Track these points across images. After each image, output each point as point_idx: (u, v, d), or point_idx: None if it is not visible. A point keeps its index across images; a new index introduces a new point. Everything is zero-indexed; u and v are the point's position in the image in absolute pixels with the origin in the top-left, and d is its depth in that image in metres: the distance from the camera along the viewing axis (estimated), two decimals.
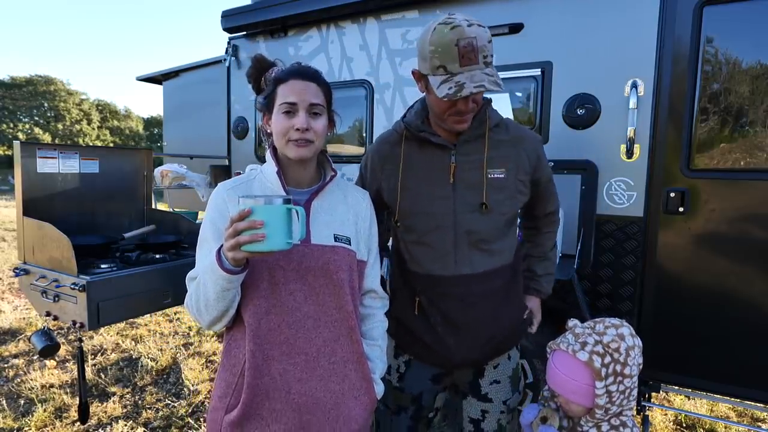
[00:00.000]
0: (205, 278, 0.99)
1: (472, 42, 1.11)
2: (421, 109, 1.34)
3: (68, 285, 1.79)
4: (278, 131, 1.10)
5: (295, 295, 1.08)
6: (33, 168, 2.13)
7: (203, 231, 1.11)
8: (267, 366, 1.06)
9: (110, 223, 2.48)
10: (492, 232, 1.29)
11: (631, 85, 2.03)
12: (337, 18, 2.78)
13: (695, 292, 1.99)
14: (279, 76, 1.13)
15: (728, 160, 1.92)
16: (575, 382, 1.17)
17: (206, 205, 1.16)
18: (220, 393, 1.11)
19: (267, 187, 1.14)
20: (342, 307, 1.13)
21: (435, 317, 1.33)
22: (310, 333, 1.09)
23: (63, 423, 2.63)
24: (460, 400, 1.49)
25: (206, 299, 1.01)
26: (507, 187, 1.28)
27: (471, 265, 1.30)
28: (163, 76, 4.48)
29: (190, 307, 1.07)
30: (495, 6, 2.34)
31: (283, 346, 1.07)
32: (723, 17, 1.88)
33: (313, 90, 1.10)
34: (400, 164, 1.33)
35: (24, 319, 4.36)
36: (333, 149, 2.95)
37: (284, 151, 1.11)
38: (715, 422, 2.66)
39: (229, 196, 1.11)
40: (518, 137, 1.32)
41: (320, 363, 1.10)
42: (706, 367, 2.00)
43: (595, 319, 1.26)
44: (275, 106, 1.11)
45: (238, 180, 1.17)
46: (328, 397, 1.10)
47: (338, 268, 1.12)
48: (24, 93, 44.82)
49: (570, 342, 1.21)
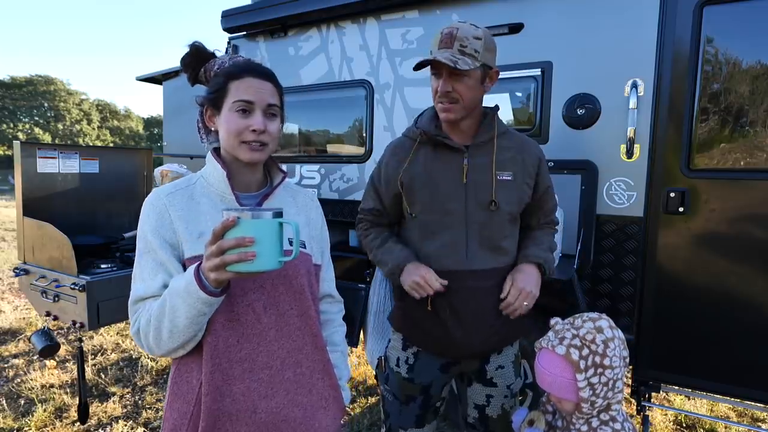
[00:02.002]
0: (176, 302, 0.87)
1: (453, 31, 1.27)
2: (433, 115, 1.44)
3: (68, 285, 1.80)
4: (231, 130, 1.00)
5: (254, 306, 0.98)
6: (33, 168, 2.14)
7: (144, 241, 0.98)
8: (228, 387, 0.96)
9: (110, 223, 2.48)
10: (500, 230, 1.39)
11: (631, 85, 2.03)
12: (337, 18, 2.78)
13: (695, 292, 1.99)
14: (232, 71, 1.02)
15: (728, 160, 1.92)
16: (559, 378, 1.19)
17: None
18: (172, 426, 1.00)
19: (211, 192, 1.03)
20: (304, 313, 1.06)
21: (445, 311, 1.39)
22: (272, 345, 1.00)
23: (63, 423, 2.63)
24: (465, 389, 1.54)
25: (173, 325, 0.88)
26: (514, 188, 1.39)
27: (481, 261, 1.38)
28: (163, 76, 4.48)
29: (143, 334, 0.93)
30: (495, 6, 2.34)
31: (244, 363, 0.97)
32: (723, 17, 1.88)
33: (270, 90, 1.03)
34: (419, 165, 1.41)
35: (24, 319, 4.36)
36: (333, 149, 2.95)
37: (235, 153, 1.01)
38: (715, 422, 2.66)
39: (169, 202, 0.99)
40: (522, 145, 1.43)
41: (285, 376, 1.02)
42: (706, 367, 2.00)
43: (575, 315, 1.28)
44: (226, 102, 1.00)
45: (175, 186, 1.04)
46: (297, 411, 1.03)
47: (297, 273, 1.05)
48: (24, 93, 44.85)
49: (550, 339, 1.23)
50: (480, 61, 1.27)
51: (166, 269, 0.96)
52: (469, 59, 1.25)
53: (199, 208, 1.01)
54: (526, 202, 1.44)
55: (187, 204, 1.00)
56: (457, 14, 2.43)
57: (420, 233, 1.42)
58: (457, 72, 1.26)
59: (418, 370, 1.49)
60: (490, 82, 1.37)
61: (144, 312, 0.94)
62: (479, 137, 1.39)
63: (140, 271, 0.97)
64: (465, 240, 1.37)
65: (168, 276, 0.95)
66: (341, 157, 2.89)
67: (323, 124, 3.03)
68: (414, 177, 1.41)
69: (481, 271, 1.38)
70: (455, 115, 1.34)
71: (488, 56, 1.31)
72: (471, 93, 1.31)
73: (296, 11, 2.80)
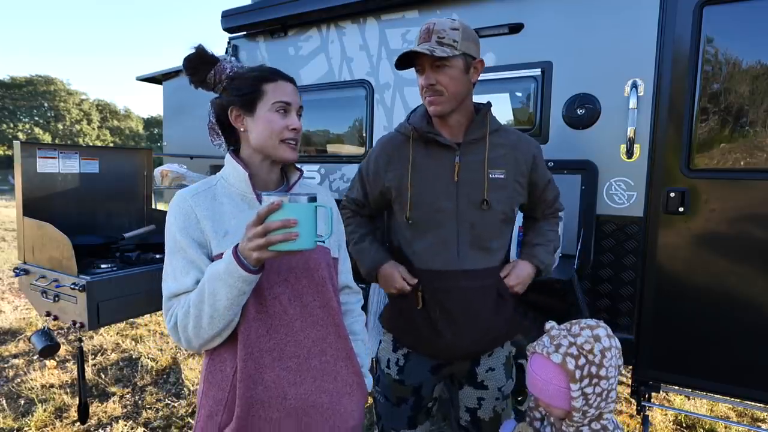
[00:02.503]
0: (215, 285, 0.94)
1: (430, 26, 1.29)
2: (425, 112, 1.42)
3: (68, 285, 1.80)
4: (273, 130, 1.07)
5: (280, 298, 1.05)
6: (33, 168, 2.13)
7: (173, 240, 1.04)
8: (260, 375, 1.03)
9: (110, 223, 2.48)
10: (491, 229, 1.38)
11: (631, 85, 2.03)
12: (337, 18, 2.78)
13: (695, 292, 1.99)
14: (264, 75, 1.10)
15: (728, 160, 1.92)
16: (552, 386, 1.16)
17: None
18: (208, 412, 1.06)
19: (232, 192, 1.10)
20: (326, 304, 1.12)
21: (435, 312, 1.38)
22: (298, 335, 1.07)
23: (63, 423, 2.63)
24: (456, 392, 1.53)
25: (213, 310, 0.95)
26: (506, 186, 1.38)
27: (471, 261, 1.37)
28: (163, 76, 4.48)
29: (181, 327, 0.99)
30: (495, 6, 2.34)
31: (273, 353, 1.04)
32: (723, 17, 1.88)
33: (297, 93, 1.13)
34: (409, 164, 1.40)
35: (24, 319, 4.36)
36: (333, 149, 2.95)
37: (275, 152, 1.09)
38: (715, 422, 2.66)
39: (195, 203, 1.05)
40: (515, 141, 1.41)
41: (312, 364, 1.09)
42: (706, 367, 2.00)
43: (572, 321, 1.24)
44: (263, 104, 1.08)
45: (198, 187, 1.10)
46: (324, 397, 1.09)
47: (318, 266, 1.12)
48: (24, 93, 44.85)
49: (545, 344, 1.19)
50: (459, 50, 1.27)
51: (197, 266, 1.02)
52: (447, 48, 1.26)
53: (222, 208, 1.07)
54: (519, 202, 1.43)
55: (211, 204, 1.07)
56: (457, 14, 2.43)
57: (411, 232, 1.42)
58: (437, 63, 1.28)
59: (409, 371, 1.48)
60: (476, 72, 1.36)
61: (180, 306, 1.00)
62: (471, 134, 1.38)
63: (172, 269, 1.03)
64: (456, 239, 1.36)
65: (199, 273, 1.01)
66: (341, 157, 2.89)
67: (323, 124, 3.03)
68: (404, 175, 1.40)
69: (473, 271, 1.37)
70: (442, 107, 1.33)
71: (469, 46, 1.30)
72: (455, 84, 1.31)
73: (296, 11, 2.80)
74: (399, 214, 1.44)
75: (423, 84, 1.32)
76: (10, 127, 43.86)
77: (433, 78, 1.30)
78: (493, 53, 2.36)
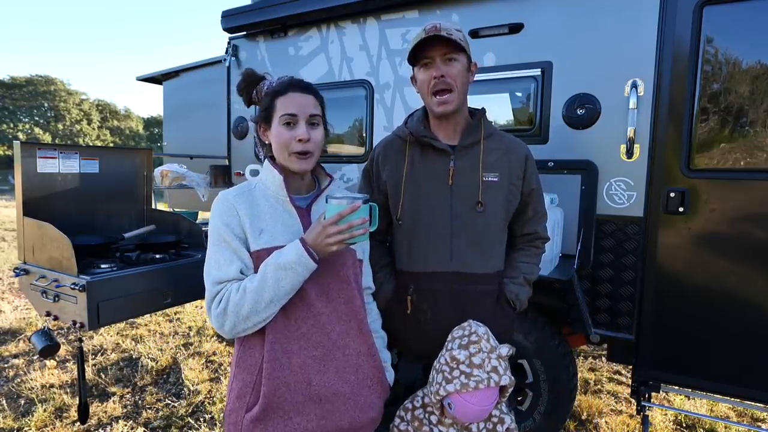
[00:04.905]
0: (281, 275, 1.05)
1: (436, 25, 1.29)
2: (422, 116, 1.46)
3: (68, 285, 1.79)
4: (280, 143, 1.16)
5: (308, 292, 1.13)
6: (33, 168, 2.13)
7: (218, 234, 1.14)
8: (287, 358, 1.11)
9: (110, 223, 2.48)
10: (485, 232, 1.39)
11: (631, 85, 2.03)
12: (337, 18, 2.78)
13: (695, 292, 1.99)
14: (277, 89, 1.18)
15: (728, 160, 1.92)
16: (492, 402, 1.21)
17: (209, 205, 1.19)
18: (237, 393, 1.14)
19: (269, 195, 1.19)
20: (350, 301, 1.20)
21: (425, 314, 1.40)
22: (324, 327, 1.15)
23: (63, 423, 2.63)
24: None
25: (274, 296, 1.06)
26: (500, 189, 1.39)
27: (465, 264, 1.38)
28: (163, 76, 4.48)
29: (234, 309, 1.07)
30: (495, 6, 2.34)
31: (300, 341, 1.12)
32: (723, 17, 1.88)
33: (311, 102, 1.18)
34: (404, 166, 1.42)
35: (24, 319, 4.36)
36: (333, 149, 2.95)
37: (287, 164, 1.18)
38: (715, 422, 2.66)
39: (237, 203, 1.16)
40: (509, 146, 1.43)
41: (336, 356, 1.15)
42: (706, 367, 2.00)
43: (457, 344, 1.25)
44: (274, 117, 1.16)
45: (239, 189, 1.21)
46: (345, 387, 1.16)
47: (343, 265, 1.20)
48: (24, 93, 44.82)
49: (483, 377, 1.18)
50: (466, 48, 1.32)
51: (240, 257, 1.12)
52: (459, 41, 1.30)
53: (259, 209, 1.17)
54: (516, 206, 1.43)
55: (250, 205, 1.17)
56: (457, 14, 2.43)
57: (406, 234, 1.43)
58: (448, 56, 1.31)
59: (401, 371, 1.51)
60: (471, 74, 1.40)
61: (232, 291, 1.08)
62: (466, 139, 1.40)
63: (216, 259, 1.13)
64: (449, 240, 1.37)
65: (242, 263, 1.12)
66: (341, 157, 2.89)
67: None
68: (399, 177, 1.42)
69: (467, 274, 1.37)
70: (452, 105, 1.34)
71: (468, 47, 1.35)
72: (462, 79, 1.34)
73: (296, 11, 2.80)
74: (392, 215, 1.45)
75: (434, 75, 1.31)
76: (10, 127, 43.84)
77: (444, 70, 1.31)
78: (493, 53, 2.36)
